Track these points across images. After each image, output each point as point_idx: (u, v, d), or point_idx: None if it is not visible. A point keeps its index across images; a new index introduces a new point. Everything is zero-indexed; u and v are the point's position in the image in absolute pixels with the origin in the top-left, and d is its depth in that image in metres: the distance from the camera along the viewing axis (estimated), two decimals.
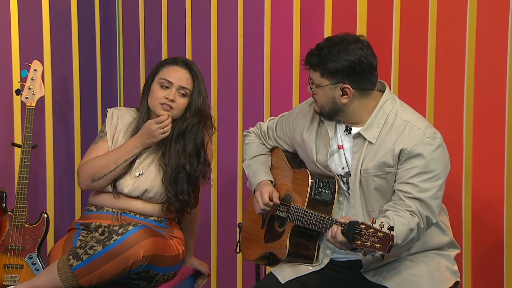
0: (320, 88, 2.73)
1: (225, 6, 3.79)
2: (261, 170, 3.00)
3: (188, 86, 3.13)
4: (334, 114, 2.77)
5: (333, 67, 2.68)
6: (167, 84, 3.12)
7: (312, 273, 2.79)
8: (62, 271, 2.86)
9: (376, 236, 2.41)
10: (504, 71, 3.10)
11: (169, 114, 3.12)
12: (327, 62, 2.69)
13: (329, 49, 2.69)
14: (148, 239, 2.90)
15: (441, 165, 2.66)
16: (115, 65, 4.14)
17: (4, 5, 3.65)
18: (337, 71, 2.69)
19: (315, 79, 2.74)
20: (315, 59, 2.72)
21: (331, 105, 2.75)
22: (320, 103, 2.77)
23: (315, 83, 2.75)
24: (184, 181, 3.11)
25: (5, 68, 3.65)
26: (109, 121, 3.23)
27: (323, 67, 2.70)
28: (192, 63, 3.20)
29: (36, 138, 3.59)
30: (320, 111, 2.80)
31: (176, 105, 3.12)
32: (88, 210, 3.18)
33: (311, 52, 2.75)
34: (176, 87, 3.12)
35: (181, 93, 3.13)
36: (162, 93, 3.12)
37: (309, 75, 2.77)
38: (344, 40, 2.69)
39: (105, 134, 3.20)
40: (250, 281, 3.60)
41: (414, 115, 2.74)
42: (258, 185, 2.97)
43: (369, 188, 2.70)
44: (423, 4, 3.27)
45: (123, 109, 3.29)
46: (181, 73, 3.14)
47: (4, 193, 3.44)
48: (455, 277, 2.80)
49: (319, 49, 2.72)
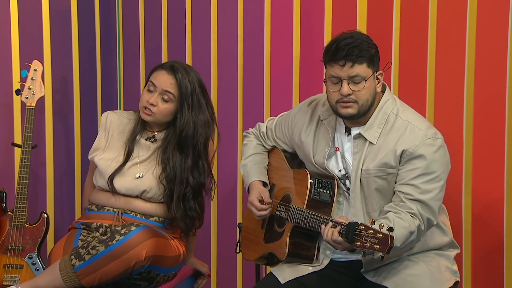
0: (368, 81, 2.62)
1: (225, 6, 3.79)
2: (254, 170, 3.00)
3: (172, 91, 3.08)
4: (368, 109, 2.67)
5: (373, 53, 2.62)
6: (152, 88, 3.11)
7: (312, 273, 2.79)
8: (64, 271, 2.86)
9: (375, 237, 2.41)
10: (504, 71, 3.10)
11: (152, 119, 3.11)
12: (368, 49, 2.60)
13: (359, 38, 2.60)
14: (150, 240, 2.90)
15: (442, 166, 2.66)
16: (115, 65, 4.14)
17: (4, 5, 3.64)
18: (374, 57, 2.63)
19: (362, 71, 2.61)
20: (356, 50, 2.58)
21: (372, 98, 2.66)
22: (365, 97, 2.64)
23: (362, 75, 2.61)
24: (191, 197, 3.10)
25: (5, 68, 3.65)
26: (102, 125, 3.24)
27: (367, 56, 2.60)
28: (180, 69, 3.10)
29: (36, 138, 3.59)
30: (358, 111, 2.65)
31: (157, 109, 3.09)
32: (89, 210, 3.19)
33: (341, 48, 2.58)
34: (159, 91, 3.09)
35: (164, 98, 3.09)
36: (146, 96, 3.10)
37: (346, 72, 2.60)
38: (355, 31, 2.67)
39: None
40: (250, 281, 3.60)
41: (414, 116, 2.74)
42: (249, 187, 2.97)
43: (370, 188, 2.70)
44: (423, 4, 3.26)
45: (119, 112, 3.30)
46: (165, 77, 3.10)
47: (4, 193, 3.44)
48: (455, 277, 2.80)
49: (349, 41, 2.58)
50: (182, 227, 3.12)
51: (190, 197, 3.11)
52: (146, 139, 3.19)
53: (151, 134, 3.20)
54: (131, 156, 3.15)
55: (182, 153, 3.11)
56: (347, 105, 2.65)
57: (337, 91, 2.64)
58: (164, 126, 3.18)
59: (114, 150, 3.19)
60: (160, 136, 3.18)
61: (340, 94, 2.63)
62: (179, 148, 3.11)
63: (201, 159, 3.12)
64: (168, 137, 3.14)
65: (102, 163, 3.15)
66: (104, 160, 3.16)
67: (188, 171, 3.10)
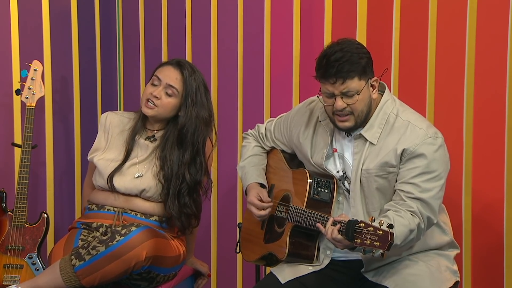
0: (361, 93, 2.63)
1: (225, 6, 3.79)
2: (252, 172, 3.00)
3: (176, 86, 3.10)
4: (366, 117, 2.69)
5: (364, 64, 2.62)
6: (157, 82, 3.11)
7: (312, 273, 2.79)
8: (64, 271, 2.86)
9: (375, 234, 2.42)
10: (504, 71, 3.10)
11: (153, 112, 3.11)
12: (358, 62, 2.60)
13: (349, 50, 2.60)
14: (151, 240, 2.90)
15: (443, 165, 2.67)
16: (115, 65, 4.14)
17: (4, 5, 3.64)
18: (366, 67, 2.63)
19: (354, 86, 2.61)
20: (347, 66, 2.58)
21: (368, 107, 2.67)
22: (360, 108, 2.65)
23: (354, 90, 2.61)
24: (186, 193, 3.10)
25: (5, 68, 3.65)
26: (101, 126, 3.24)
27: (358, 69, 2.60)
28: (187, 66, 3.13)
29: (36, 138, 3.59)
30: (355, 122, 2.67)
31: (160, 102, 3.09)
32: (89, 209, 3.19)
33: (331, 64, 2.58)
34: (164, 84, 3.10)
35: (168, 92, 3.10)
36: (149, 89, 3.11)
37: (338, 89, 2.60)
38: (346, 40, 2.66)
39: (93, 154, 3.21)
40: (250, 281, 3.60)
41: (414, 115, 2.75)
42: (247, 189, 2.98)
43: (371, 188, 2.70)
44: (423, 4, 3.26)
45: (119, 113, 3.30)
46: (171, 72, 3.11)
47: (4, 193, 3.44)
48: (455, 277, 2.80)
49: (339, 56, 2.58)
50: (178, 225, 3.12)
51: (185, 193, 3.10)
52: (146, 138, 3.19)
53: (151, 134, 3.20)
54: (130, 156, 3.16)
55: (180, 149, 3.11)
56: (343, 118, 2.67)
57: (331, 105, 2.66)
58: (163, 125, 3.18)
59: (114, 150, 3.19)
60: (160, 136, 3.18)
61: (334, 108, 2.65)
62: (178, 143, 3.11)
63: (199, 156, 3.13)
64: (167, 134, 3.15)
65: (102, 163, 3.15)
66: (104, 160, 3.16)
67: (185, 167, 3.10)
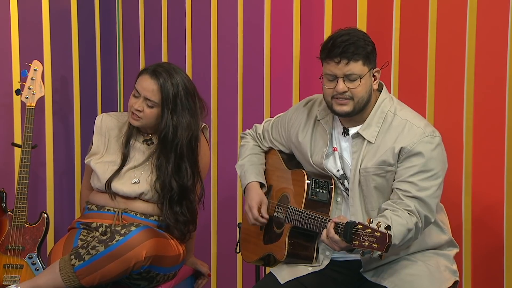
0: (363, 79, 2.61)
1: (225, 6, 3.79)
2: (251, 171, 2.99)
3: (153, 98, 3.07)
4: (364, 106, 2.67)
5: (369, 50, 2.61)
6: (137, 94, 3.11)
7: (312, 273, 2.78)
8: (64, 271, 2.86)
9: (373, 236, 2.41)
10: (504, 71, 3.09)
11: (140, 123, 3.11)
12: (364, 47, 2.59)
13: (355, 35, 2.59)
14: (150, 240, 2.90)
15: (440, 164, 2.66)
16: (115, 65, 4.14)
17: (4, 5, 3.64)
18: (371, 54, 2.62)
19: (358, 70, 2.60)
20: (352, 48, 2.57)
21: (368, 95, 2.66)
22: (361, 94, 2.63)
23: (357, 73, 2.60)
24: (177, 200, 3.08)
25: (5, 68, 3.65)
26: (97, 129, 3.23)
27: (363, 53, 2.59)
28: (163, 73, 3.07)
29: (36, 138, 3.59)
30: (354, 108, 2.64)
31: (143, 114, 3.09)
32: (88, 209, 3.19)
33: (337, 45, 2.57)
34: (142, 97, 3.09)
35: (148, 104, 3.08)
36: (132, 101, 3.11)
37: (342, 70, 2.59)
38: (353, 28, 2.66)
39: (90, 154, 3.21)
40: (250, 281, 3.60)
41: (412, 114, 2.74)
42: (246, 187, 2.97)
43: (369, 187, 2.70)
44: (423, 3, 3.26)
45: (113, 114, 3.30)
46: (147, 83, 3.08)
47: (4, 193, 3.44)
48: (455, 276, 2.79)
49: (345, 38, 2.57)
50: (176, 235, 3.11)
51: (177, 201, 3.09)
52: (143, 141, 3.19)
53: (148, 137, 3.19)
54: (127, 160, 3.15)
55: (165, 157, 3.10)
56: (342, 102, 2.64)
57: (332, 88, 2.64)
58: (156, 128, 3.17)
59: (113, 152, 3.19)
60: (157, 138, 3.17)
61: (335, 91, 2.63)
62: (162, 152, 3.10)
63: (183, 162, 3.10)
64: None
65: (100, 167, 3.15)
66: (102, 163, 3.16)
67: (171, 175, 3.08)
